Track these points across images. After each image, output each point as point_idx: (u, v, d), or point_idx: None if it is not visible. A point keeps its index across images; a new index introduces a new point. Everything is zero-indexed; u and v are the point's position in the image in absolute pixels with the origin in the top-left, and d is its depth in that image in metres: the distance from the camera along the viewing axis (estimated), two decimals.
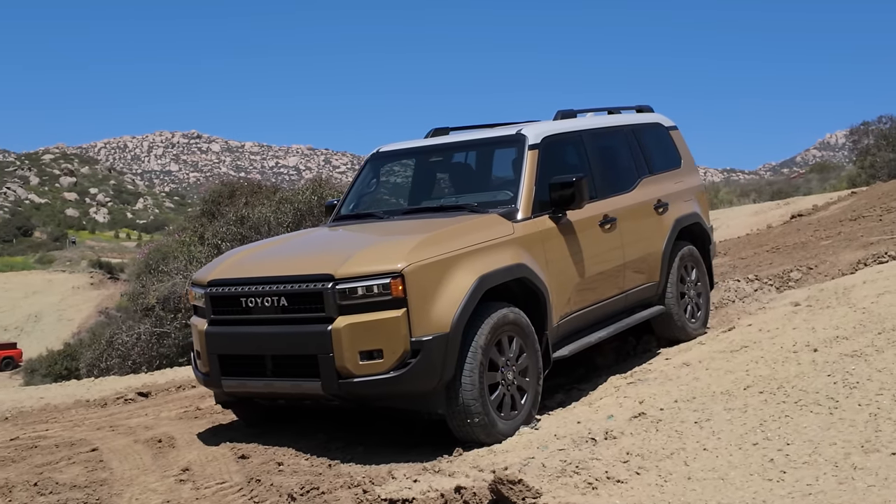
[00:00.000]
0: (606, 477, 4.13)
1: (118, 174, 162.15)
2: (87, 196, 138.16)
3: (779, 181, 53.73)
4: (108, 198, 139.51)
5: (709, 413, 5.13)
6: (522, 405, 5.88)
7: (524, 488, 3.72)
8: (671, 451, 4.41)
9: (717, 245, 9.08)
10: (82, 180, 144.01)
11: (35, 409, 10.18)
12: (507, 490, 3.68)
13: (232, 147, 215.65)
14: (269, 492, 4.64)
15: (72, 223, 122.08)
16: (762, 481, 3.79)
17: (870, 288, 8.06)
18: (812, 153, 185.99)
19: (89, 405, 9.83)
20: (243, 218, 15.69)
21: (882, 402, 4.46)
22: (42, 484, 5.16)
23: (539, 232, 6.28)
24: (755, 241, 14.90)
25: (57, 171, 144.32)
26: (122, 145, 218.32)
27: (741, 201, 30.22)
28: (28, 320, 56.35)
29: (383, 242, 5.85)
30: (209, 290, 5.81)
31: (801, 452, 4.02)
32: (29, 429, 8.05)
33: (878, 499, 3.34)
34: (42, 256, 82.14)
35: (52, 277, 66.86)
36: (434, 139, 7.39)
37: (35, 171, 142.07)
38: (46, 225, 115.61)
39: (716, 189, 41.76)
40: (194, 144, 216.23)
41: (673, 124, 8.57)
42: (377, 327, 5.23)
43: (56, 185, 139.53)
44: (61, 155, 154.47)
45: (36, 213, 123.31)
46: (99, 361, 16.72)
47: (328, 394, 5.33)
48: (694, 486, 3.89)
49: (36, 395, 11.74)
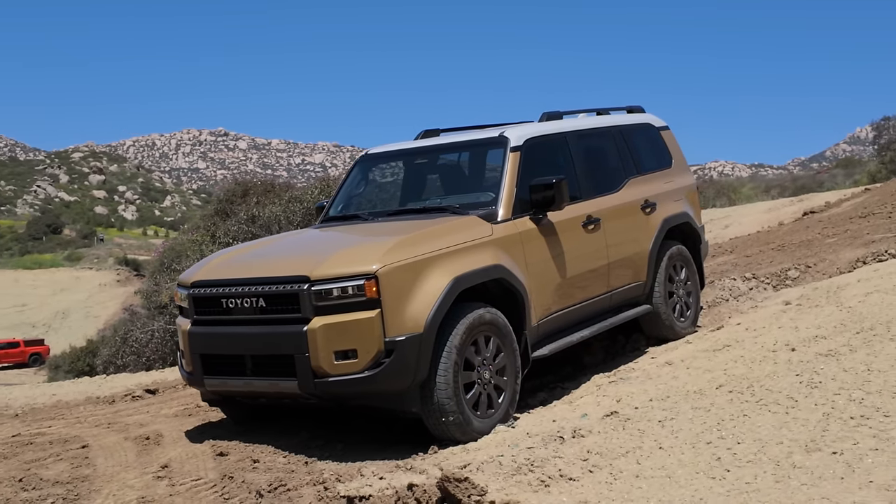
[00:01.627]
0: (559, 475, 4.22)
1: (146, 172, 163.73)
2: (116, 194, 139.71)
3: (803, 177, 53.31)
4: (137, 195, 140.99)
5: (676, 412, 5.20)
6: (500, 404, 5.98)
7: (470, 486, 3.83)
8: (627, 450, 4.49)
9: (708, 244, 9.12)
10: (111, 178, 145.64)
11: (47, 406, 10.39)
12: (454, 488, 3.79)
13: (258, 144, 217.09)
14: (239, 488, 4.78)
15: (100, 221, 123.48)
16: (706, 479, 3.86)
17: (862, 287, 8.06)
18: (842, 147, 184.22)
19: (98, 402, 10.02)
20: (254, 217, 15.89)
21: (837, 402, 4.51)
22: (27, 480, 5.34)
23: (519, 233, 6.37)
24: (763, 239, 14.87)
25: (86, 169, 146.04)
26: (151, 143, 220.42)
27: (760, 197, 30.05)
28: (56, 317, 57.18)
29: (360, 244, 5.97)
30: (192, 292, 5.96)
31: (748, 451, 4.09)
32: (35, 425, 8.25)
33: (803, 497, 3.41)
34: (70, 254, 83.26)
35: (79, 275, 67.77)
36: (419, 141, 7.51)
37: (65, 170, 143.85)
38: (76, 223, 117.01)
39: (740, 184, 41.58)
40: (221, 142, 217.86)
41: (664, 124, 8.62)
42: (352, 328, 5.36)
43: (85, 184, 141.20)
44: (90, 153, 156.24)
45: (65, 211, 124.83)
46: (115, 359, 16.99)
47: (305, 393, 5.47)
48: (641, 484, 3.97)
49: (49, 392, 11.98)
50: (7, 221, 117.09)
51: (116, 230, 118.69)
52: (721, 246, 15.27)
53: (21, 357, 46.23)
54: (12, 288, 64.38)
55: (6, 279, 68.09)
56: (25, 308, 59.59)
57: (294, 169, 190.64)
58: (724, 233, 18.00)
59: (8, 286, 65.14)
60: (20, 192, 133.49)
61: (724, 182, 40.97)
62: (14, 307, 59.33)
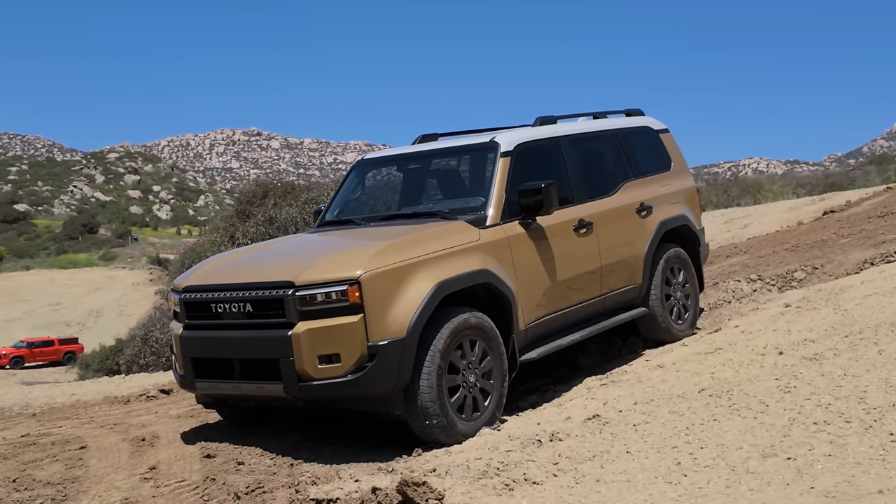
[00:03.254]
0: (524, 479, 4.29)
1: (180, 172, 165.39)
2: (151, 193, 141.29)
3: (835, 174, 52.57)
4: (171, 195, 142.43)
5: (654, 416, 5.25)
6: (486, 407, 6.06)
7: (428, 490, 3.92)
8: (595, 454, 4.55)
9: (708, 246, 9.10)
10: (146, 178, 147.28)
11: (66, 405, 10.60)
12: (412, 492, 3.88)
13: (291, 144, 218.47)
14: (219, 490, 4.91)
15: (135, 220, 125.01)
16: (663, 484, 3.92)
17: (863, 289, 8.04)
18: (879, 143, 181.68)
19: (114, 402, 10.20)
20: (271, 218, 16.07)
21: (805, 408, 4.54)
22: (20, 480, 5.50)
23: (507, 238, 6.43)
24: (778, 239, 14.79)
25: (121, 169, 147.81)
26: (185, 143, 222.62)
27: (786, 195, 29.69)
28: (90, 316, 57.92)
29: (345, 250, 6.08)
30: (183, 296, 6.11)
31: (708, 456, 4.13)
32: (48, 424, 8.44)
33: (746, 502, 3.46)
34: (105, 253, 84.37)
35: (113, 274, 68.65)
36: (414, 147, 7.60)
37: (100, 170, 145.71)
38: (111, 222, 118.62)
39: (770, 182, 41.07)
40: (254, 141, 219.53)
41: (663, 127, 8.63)
42: (335, 332, 5.46)
43: (120, 184, 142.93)
44: (126, 153, 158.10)
45: (101, 211, 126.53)
46: (137, 358, 17.27)
47: (290, 396, 5.58)
48: (600, 488, 4.03)
49: (68, 392, 12.23)
50: (44, 221, 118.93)
51: (151, 230, 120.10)
52: (737, 246, 15.21)
53: (56, 355, 46.94)
54: (48, 287, 65.37)
55: (42, 278, 69.18)
56: (60, 307, 60.45)
57: (326, 168, 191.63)
58: (743, 232, 17.90)
59: (43, 285, 66.15)
60: (57, 193, 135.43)
61: (753, 179, 40.50)
62: (49, 306, 60.21)
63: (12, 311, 58.97)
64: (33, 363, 46.12)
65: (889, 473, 3.38)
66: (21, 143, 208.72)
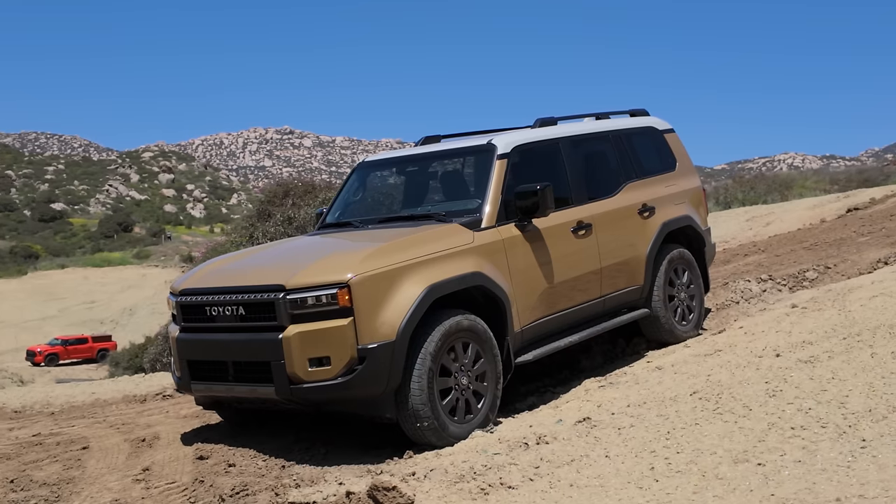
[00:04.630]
0: (500, 483, 4.31)
1: (214, 170, 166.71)
2: (184, 192, 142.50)
3: (869, 169, 51.85)
4: (204, 194, 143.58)
5: (641, 419, 5.24)
6: (479, 409, 6.07)
7: (397, 494, 3.95)
8: (574, 458, 4.55)
9: (715, 246, 9.02)
10: (180, 177, 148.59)
11: (85, 404, 10.70)
12: (382, 496, 3.92)
13: (323, 142, 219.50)
14: (207, 492, 4.97)
15: (169, 219, 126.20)
16: (634, 489, 3.91)
17: (872, 289, 7.95)
18: None
19: (132, 401, 10.32)
20: (290, 218, 16.17)
21: (786, 412, 4.52)
22: (18, 481, 5.61)
23: (502, 240, 6.44)
24: (798, 238, 14.63)
25: (156, 168, 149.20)
26: (219, 142, 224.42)
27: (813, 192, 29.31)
28: (123, 314, 58.63)
29: (336, 253, 6.12)
30: (180, 299, 6.19)
31: (682, 461, 4.12)
32: (64, 424, 8.57)
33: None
34: (139, 252, 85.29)
35: (146, 272, 69.41)
36: (413, 149, 7.63)
37: (135, 169, 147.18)
38: (145, 221, 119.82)
39: (803, 178, 40.51)
40: (287, 140, 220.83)
41: (669, 127, 8.58)
42: (325, 335, 5.51)
43: (155, 182, 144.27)
44: (160, 153, 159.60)
45: (136, 210, 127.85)
46: (161, 357, 17.45)
47: (281, 398, 5.64)
48: (572, 493, 4.04)
49: (88, 391, 12.37)
50: (80, 220, 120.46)
51: (184, 228, 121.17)
52: (756, 244, 15.05)
53: (90, 353, 47.63)
54: (82, 285, 66.28)
55: (76, 277, 70.15)
56: (94, 305, 61.27)
57: None
58: (765, 230, 17.69)
59: (78, 283, 67.09)
60: (93, 192, 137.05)
61: (784, 175, 39.94)
62: (83, 304, 61.06)
63: (48, 309, 59.87)
64: (68, 360, 46.83)
65: (850, 481, 3.36)
66: (58, 143, 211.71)
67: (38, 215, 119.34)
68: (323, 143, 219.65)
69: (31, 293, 65.56)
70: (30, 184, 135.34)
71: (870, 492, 3.20)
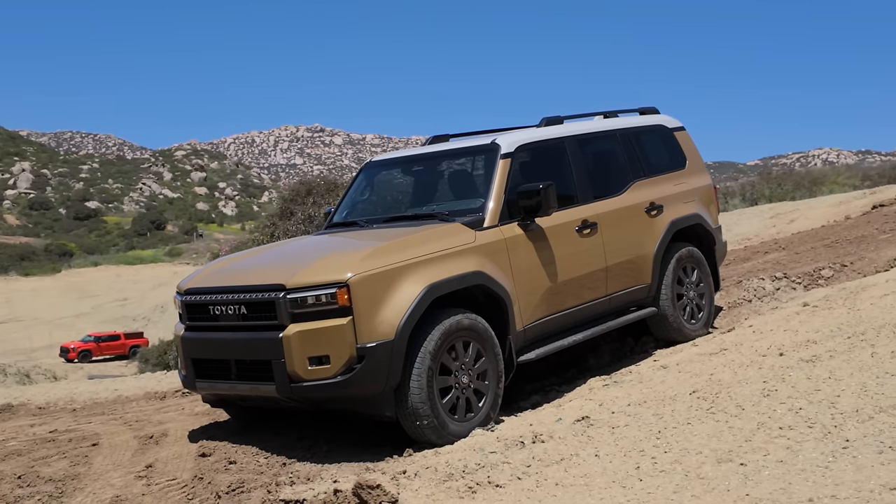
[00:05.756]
0: (488, 482, 4.34)
1: (245, 168, 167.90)
2: (216, 190, 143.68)
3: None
4: (236, 192, 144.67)
5: (638, 418, 5.24)
6: (480, 407, 6.10)
7: (381, 493, 3.99)
8: (563, 457, 4.57)
9: (726, 244, 8.96)
10: (212, 175, 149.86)
11: (108, 401, 10.86)
12: (366, 494, 3.96)
13: (353, 140, 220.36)
14: (205, 489, 5.05)
15: (202, 217, 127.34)
16: (618, 489, 3.93)
17: (885, 287, 7.89)
18: None
19: (151, 398, 10.46)
20: (311, 217, 16.26)
21: (777, 412, 4.50)
22: (25, 477, 5.71)
23: (504, 239, 6.46)
24: (820, 235, 14.49)
25: (188, 166, 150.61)
26: (250, 140, 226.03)
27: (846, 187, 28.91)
28: (155, 311, 59.15)
29: (338, 253, 6.18)
30: (185, 299, 6.28)
31: (668, 460, 4.12)
32: (82, 420, 8.71)
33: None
34: (171, 249, 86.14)
35: (177, 269, 69.96)
36: (420, 148, 7.67)
37: (168, 167, 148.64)
38: (178, 219, 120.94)
39: (835, 173, 39.97)
40: (318, 138, 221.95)
41: (679, 125, 8.55)
42: (324, 334, 5.56)
43: (187, 181, 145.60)
44: (192, 151, 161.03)
45: (169, 208, 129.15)
46: None
47: (282, 397, 5.71)
48: (557, 492, 4.06)
49: (111, 388, 12.54)
50: (114, 218, 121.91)
51: (216, 225, 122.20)
52: (778, 242, 14.94)
53: (122, 349, 48.14)
54: (115, 283, 67.06)
55: (109, 274, 71.03)
56: (127, 302, 61.91)
57: None
58: (789, 227, 17.54)
59: (111, 281, 67.91)
60: (127, 190, 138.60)
61: (817, 171, 39.43)
62: (116, 301, 61.75)
63: (81, 306, 60.64)
64: (100, 357, 47.37)
65: (825, 482, 3.35)
66: (93, 142, 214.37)
67: (73, 213, 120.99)
68: (353, 140, 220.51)
69: (64, 290, 66.50)
70: (65, 182, 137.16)
71: (842, 492, 3.20)
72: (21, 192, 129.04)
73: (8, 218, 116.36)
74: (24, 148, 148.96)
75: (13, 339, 49.75)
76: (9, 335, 51.03)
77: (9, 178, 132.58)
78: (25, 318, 57.57)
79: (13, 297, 64.16)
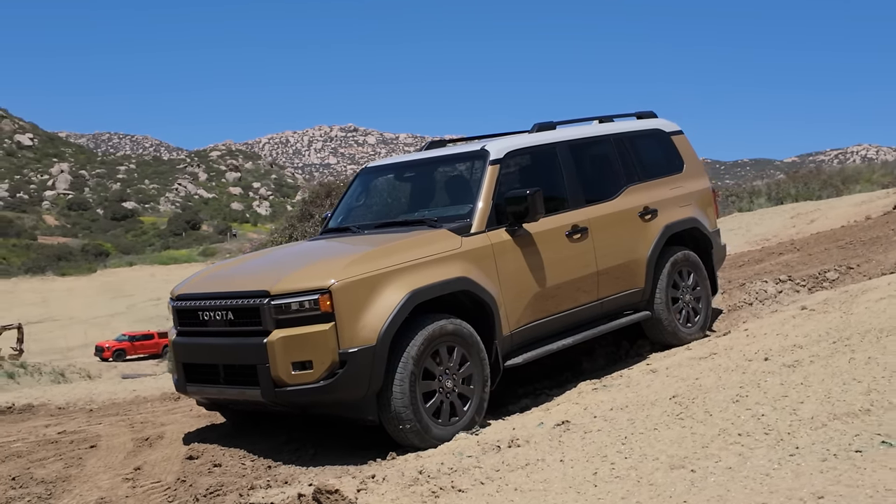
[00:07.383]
0: (451, 487, 4.41)
1: (279, 168, 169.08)
2: (251, 190, 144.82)
3: None
4: (270, 191, 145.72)
5: (612, 422, 5.29)
6: (465, 412, 6.18)
7: (339, 497, 4.09)
8: (530, 462, 4.63)
9: (725, 248, 8.93)
10: (246, 175, 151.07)
11: (126, 401, 11.05)
12: (325, 498, 4.07)
13: (387, 139, 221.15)
14: (186, 492, 5.18)
15: (236, 216, 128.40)
16: (573, 494, 3.98)
17: (885, 291, 7.84)
18: None
19: (166, 399, 10.62)
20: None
21: (739, 418, 4.54)
22: (20, 478, 5.88)
23: (491, 245, 6.53)
24: (836, 236, 14.37)
25: (223, 167, 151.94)
26: (284, 140, 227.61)
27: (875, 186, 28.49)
28: None
29: (323, 259, 6.28)
30: (176, 304, 6.43)
31: (624, 467, 4.18)
32: (93, 421, 8.89)
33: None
34: (205, 249, 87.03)
35: None
36: (412, 155, 7.76)
37: (203, 168, 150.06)
38: (213, 219, 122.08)
39: (870, 171, 39.36)
40: (351, 137, 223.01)
41: (676, 129, 8.56)
42: (307, 340, 5.68)
43: (222, 181, 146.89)
44: (227, 151, 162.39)
45: (204, 208, 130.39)
46: None
47: (266, 401, 5.83)
48: (515, 497, 4.12)
49: (130, 388, 12.75)
50: (150, 218, 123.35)
51: (250, 225, 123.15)
52: (794, 242, 14.85)
53: (155, 348, 48.78)
54: (149, 282, 67.86)
55: (143, 274, 71.98)
56: (160, 301, 62.52)
57: None
58: (808, 228, 17.39)
59: (145, 281, 68.77)
60: (163, 191, 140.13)
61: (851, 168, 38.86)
62: (150, 300, 62.48)
63: (116, 306, 61.49)
64: (134, 356, 48.04)
65: (761, 489, 3.39)
66: (130, 143, 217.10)
67: (111, 214, 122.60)
68: (386, 140, 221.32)
69: (100, 290, 67.49)
70: (102, 183, 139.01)
71: (773, 500, 3.24)
72: (60, 192, 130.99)
73: (47, 218, 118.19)
74: (63, 149, 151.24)
75: (49, 339, 50.56)
76: (45, 334, 51.86)
77: (48, 179, 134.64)
78: (61, 318, 58.49)
79: (49, 297, 65.26)
